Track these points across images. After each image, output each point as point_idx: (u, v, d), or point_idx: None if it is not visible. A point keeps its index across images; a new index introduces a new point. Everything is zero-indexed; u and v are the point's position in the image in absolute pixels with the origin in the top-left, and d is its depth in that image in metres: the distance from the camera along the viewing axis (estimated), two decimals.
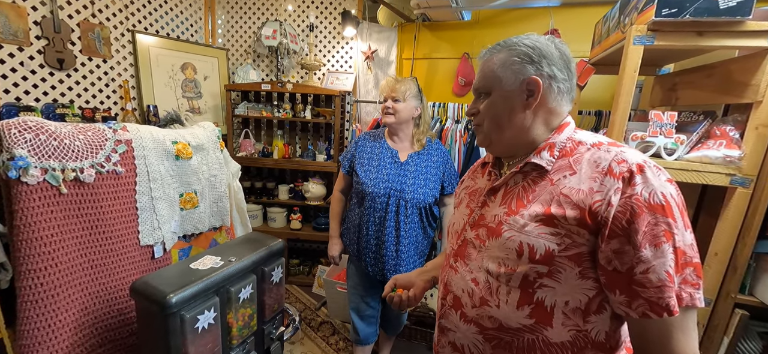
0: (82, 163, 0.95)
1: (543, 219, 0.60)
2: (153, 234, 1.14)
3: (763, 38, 0.99)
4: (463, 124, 2.10)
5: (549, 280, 0.60)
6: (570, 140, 0.66)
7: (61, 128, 0.94)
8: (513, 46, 0.66)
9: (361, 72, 2.64)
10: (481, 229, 0.69)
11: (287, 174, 2.83)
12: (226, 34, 2.78)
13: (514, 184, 0.68)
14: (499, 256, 0.65)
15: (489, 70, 0.68)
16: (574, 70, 0.68)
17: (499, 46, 0.68)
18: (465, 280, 0.71)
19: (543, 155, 0.65)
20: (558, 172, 0.63)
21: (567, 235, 0.58)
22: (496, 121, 0.68)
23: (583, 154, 0.62)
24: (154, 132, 1.13)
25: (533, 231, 0.60)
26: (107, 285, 1.08)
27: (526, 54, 0.65)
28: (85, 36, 1.99)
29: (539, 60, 0.64)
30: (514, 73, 0.65)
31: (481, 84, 0.70)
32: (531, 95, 0.65)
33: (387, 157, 1.49)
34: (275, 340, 1.21)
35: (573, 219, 0.57)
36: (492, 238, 0.66)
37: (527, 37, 0.67)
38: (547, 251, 0.59)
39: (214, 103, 2.68)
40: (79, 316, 1.02)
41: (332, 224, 1.61)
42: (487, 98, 0.69)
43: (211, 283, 0.93)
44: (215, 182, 1.31)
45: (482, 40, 2.37)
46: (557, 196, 0.60)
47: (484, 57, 0.71)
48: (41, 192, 0.89)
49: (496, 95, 0.67)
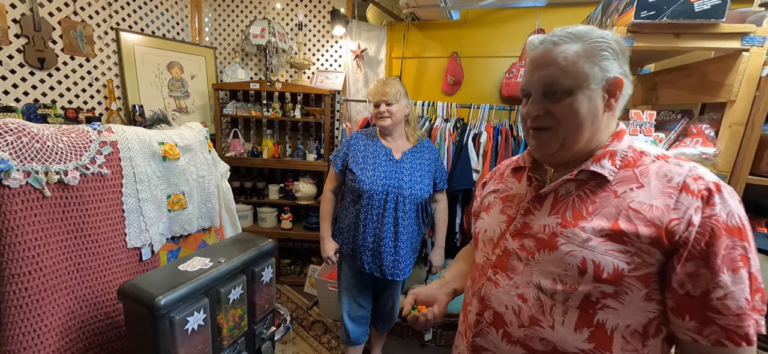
0: (66, 166, 0.94)
1: (610, 234, 0.55)
2: (140, 236, 1.13)
3: (735, 40, 1.03)
4: (451, 123, 2.12)
5: (613, 301, 0.55)
6: (631, 149, 0.60)
7: (43, 130, 0.92)
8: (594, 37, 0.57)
9: (351, 71, 2.64)
10: (528, 240, 0.63)
11: (277, 174, 2.82)
12: (214, 33, 2.74)
13: (565, 193, 0.62)
14: (555, 271, 0.59)
15: (572, 64, 0.57)
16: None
17: (579, 33, 0.58)
18: (509, 295, 0.64)
19: (604, 164, 0.59)
20: (622, 184, 0.58)
21: (637, 254, 0.53)
22: (577, 126, 0.59)
23: (649, 166, 0.57)
24: (140, 133, 1.11)
25: (599, 247, 0.55)
26: (94, 288, 1.07)
27: (611, 48, 0.57)
28: (67, 34, 1.94)
29: (620, 55, 0.57)
30: (603, 70, 0.56)
31: (559, 79, 0.58)
32: (612, 95, 0.58)
33: (382, 155, 1.51)
34: (266, 341, 1.21)
35: (646, 237, 0.53)
36: (544, 251, 0.60)
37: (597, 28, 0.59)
38: (616, 270, 0.54)
39: (201, 102, 2.65)
40: (66, 321, 1.00)
41: (323, 225, 1.60)
42: (567, 97, 0.58)
43: (200, 284, 0.92)
44: (204, 183, 1.30)
45: (471, 39, 2.40)
46: (625, 210, 0.55)
47: (546, 46, 0.59)
48: (24, 195, 0.88)
49: (582, 95, 0.57)
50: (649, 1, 0.99)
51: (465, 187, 1.98)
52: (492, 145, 1.99)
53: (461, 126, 2.11)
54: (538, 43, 0.61)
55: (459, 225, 2.07)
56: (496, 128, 2.04)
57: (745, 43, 1.03)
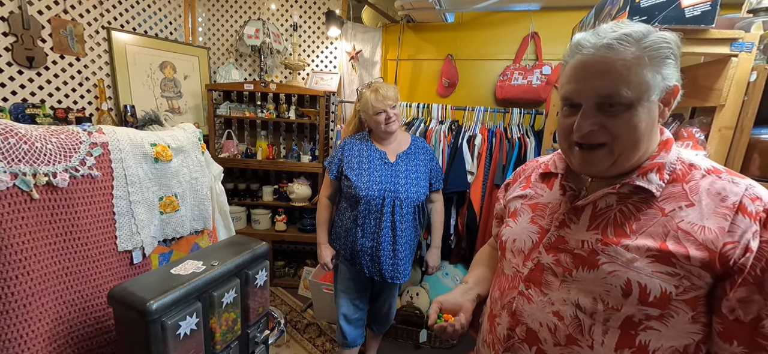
0: (55, 168, 0.92)
1: (657, 256, 0.51)
2: (131, 239, 1.11)
3: (725, 46, 1.05)
4: (446, 125, 2.13)
5: (657, 323, 0.53)
6: (680, 162, 0.56)
7: (31, 131, 0.90)
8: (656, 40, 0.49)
9: (346, 72, 2.64)
10: (564, 255, 0.59)
11: (271, 175, 2.80)
12: (207, 33, 2.72)
13: (605, 207, 0.58)
14: (596, 291, 0.55)
15: (633, 73, 0.50)
16: None
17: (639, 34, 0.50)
18: (544, 312, 0.61)
19: (651, 178, 0.54)
20: (670, 201, 0.53)
21: (686, 277, 0.50)
22: (635, 142, 0.53)
23: (699, 182, 0.53)
24: (132, 134, 1.09)
25: (645, 269, 0.52)
26: (83, 293, 1.04)
27: (674, 53, 0.50)
28: (57, 33, 1.91)
29: (676, 61, 0.51)
30: (664, 78, 0.51)
31: (619, 91, 0.50)
32: (666, 105, 0.53)
33: (377, 159, 1.49)
34: (260, 344, 1.20)
35: (697, 260, 0.49)
36: (584, 269, 0.57)
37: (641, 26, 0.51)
38: (664, 294, 0.51)
39: (195, 103, 2.62)
40: (54, 326, 0.98)
41: (320, 231, 1.60)
42: (625, 111, 0.51)
43: (192, 288, 0.91)
44: (196, 185, 1.28)
45: (466, 42, 2.41)
46: (674, 230, 0.51)
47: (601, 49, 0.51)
48: (11, 198, 0.86)
49: (642, 108, 0.51)
50: (641, 7, 1.01)
51: (460, 189, 1.99)
52: (486, 147, 2.00)
53: (456, 128, 2.12)
54: (591, 46, 0.52)
55: (454, 227, 2.08)
56: (490, 130, 2.05)
57: (734, 48, 1.04)
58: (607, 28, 0.52)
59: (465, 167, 2.00)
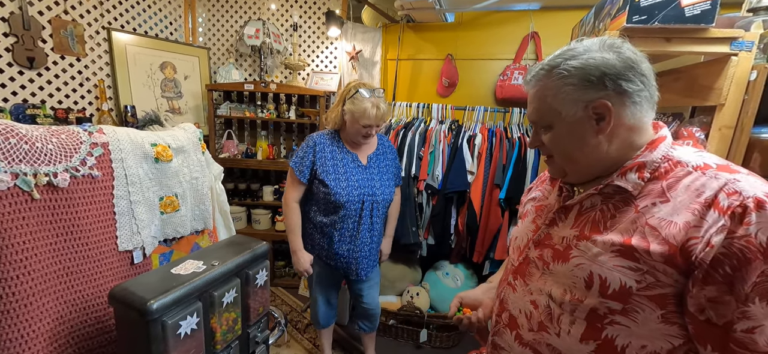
0: (55, 168, 0.92)
1: (620, 250, 0.53)
2: (132, 239, 1.11)
3: (724, 45, 1.05)
4: (446, 125, 2.13)
5: (622, 318, 0.53)
6: (667, 159, 0.56)
7: (32, 131, 0.91)
8: (561, 70, 0.56)
9: (346, 72, 2.64)
10: (546, 250, 0.64)
11: (272, 175, 2.80)
12: (208, 33, 2.72)
13: (590, 206, 0.60)
14: (565, 283, 0.59)
15: (542, 102, 0.60)
16: (648, 71, 0.56)
17: (544, 71, 0.59)
18: (523, 300, 0.66)
19: (629, 177, 0.56)
20: (646, 198, 0.54)
21: (649, 273, 0.51)
22: (566, 154, 0.61)
23: (681, 179, 0.53)
24: (132, 134, 1.10)
25: (607, 262, 0.54)
26: (84, 293, 1.05)
27: (581, 77, 0.55)
28: (57, 33, 1.91)
29: (601, 78, 0.54)
30: (574, 102, 0.56)
31: (537, 117, 0.62)
32: (601, 119, 0.55)
33: (349, 162, 1.47)
34: (260, 344, 1.20)
35: (659, 255, 0.49)
36: (558, 262, 0.61)
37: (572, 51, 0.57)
38: (623, 287, 0.52)
39: (195, 103, 2.62)
40: (55, 326, 0.98)
41: (294, 238, 1.49)
42: (548, 131, 0.61)
43: (193, 287, 0.91)
44: (197, 185, 1.28)
45: (466, 42, 2.41)
46: (642, 226, 0.52)
47: (531, 83, 0.62)
48: (12, 198, 0.86)
49: (560, 128, 0.59)
50: (641, 6, 1.01)
51: (460, 189, 1.99)
52: (486, 146, 2.00)
53: (456, 128, 2.12)
54: (526, 80, 0.64)
55: (454, 227, 2.08)
56: (490, 130, 2.05)
57: (734, 47, 1.04)
58: (546, 59, 0.60)
59: (465, 167, 2.00)
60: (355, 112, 1.38)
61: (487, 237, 2.04)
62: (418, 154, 2.07)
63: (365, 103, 1.36)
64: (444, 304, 2.15)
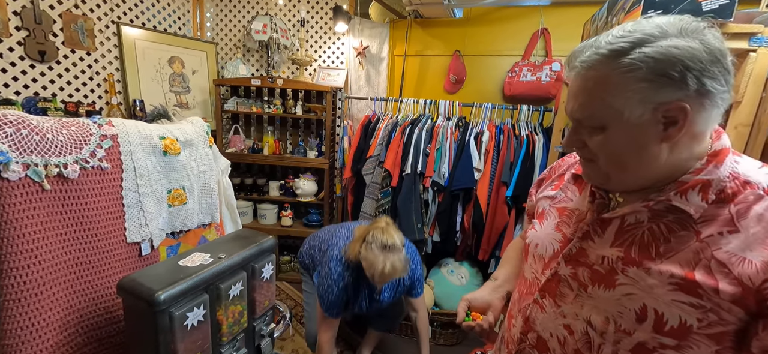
0: (65, 159, 0.93)
1: (681, 284, 0.46)
2: (140, 231, 1.12)
3: (743, 40, 1.02)
4: (453, 122, 2.11)
5: (674, 353, 0.48)
6: (733, 178, 0.48)
7: (43, 122, 0.91)
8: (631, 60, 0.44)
9: (353, 68, 2.63)
10: (582, 269, 0.56)
11: (278, 170, 2.82)
12: (215, 28, 2.73)
13: (635, 222, 0.52)
14: (610, 311, 0.52)
15: (595, 97, 0.48)
16: (731, 67, 0.46)
17: (600, 55, 0.47)
18: (555, 323, 0.59)
19: (691, 198, 0.48)
20: (710, 225, 0.47)
21: (713, 311, 0.45)
22: (617, 161, 0.51)
23: (752, 205, 0.45)
24: (141, 127, 1.10)
25: (664, 296, 0.47)
26: (93, 283, 1.06)
27: (659, 71, 0.43)
28: (68, 28, 1.93)
29: (683, 75, 0.43)
30: (642, 102, 0.45)
31: (583, 114, 0.51)
32: (672, 125, 0.46)
33: (367, 293, 1.47)
34: (266, 337, 1.20)
35: (728, 295, 0.44)
36: (599, 287, 0.53)
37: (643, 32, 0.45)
38: (682, 325, 0.46)
39: (202, 98, 2.64)
40: (64, 315, 0.99)
41: None
42: (599, 133, 0.50)
43: (200, 280, 0.92)
44: (204, 178, 1.29)
45: (474, 38, 2.38)
46: (707, 259, 0.45)
47: (577, 70, 0.50)
48: (23, 188, 0.87)
49: (616, 131, 0.49)
50: (656, 1, 0.98)
51: (466, 186, 1.98)
52: (494, 144, 1.98)
53: (463, 125, 2.11)
54: (569, 65, 0.52)
55: (460, 224, 2.07)
56: (498, 127, 2.03)
57: (753, 43, 1.02)
58: (602, 38, 0.49)
59: (472, 164, 1.98)
60: (366, 262, 1.31)
61: (493, 235, 2.02)
62: (424, 151, 2.06)
63: (377, 258, 1.27)
64: (449, 302, 2.15)
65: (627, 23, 0.48)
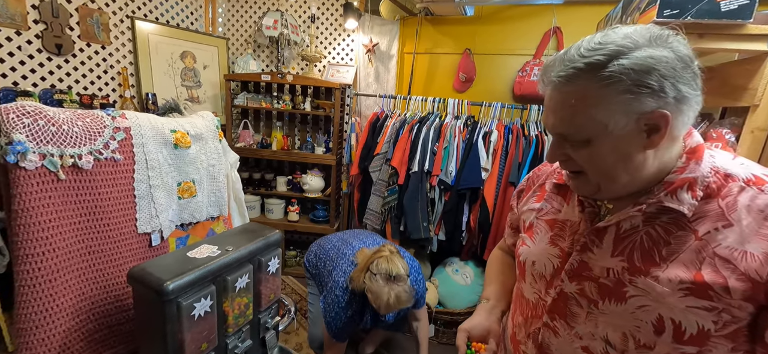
0: (80, 150, 0.95)
1: (692, 288, 0.46)
2: (150, 222, 1.14)
3: (762, 42, 0.99)
4: (462, 120, 2.10)
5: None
6: (715, 172, 0.49)
7: (59, 114, 0.94)
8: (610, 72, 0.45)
9: (362, 65, 2.63)
10: (588, 284, 0.55)
11: (285, 166, 2.84)
12: (227, 23, 2.76)
13: (630, 228, 0.52)
14: (625, 326, 0.51)
15: (576, 111, 0.48)
16: (698, 71, 0.47)
17: (578, 69, 0.47)
18: (571, 347, 0.57)
19: (682, 197, 0.48)
20: (704, 221, 0.47)
21: (726, 311, 0.45)
22: (607, 172, 0.51)
23: (737, 197, 0.47)
24: (153, 120, 1.12)
25: (678, 304, 0.47)
26: (104, 271, 1.09)
27: (639, 82, 0.44)
28: (84, 21, 1.97)
29: (661, 84, 0.44)
30: (626, 114, 0.46)
31: (566, 129, 0.51)
32: (654, 132, 0.47)
33: (370, 320, 1.48)
34: (270, 330, 1.22)
35: (739, 292, 0.44)
36: (609, 302, 0.52)
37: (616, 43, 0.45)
38: (701, 331, 0.46)
39: (213, 92, 2.67)
40: (77, 302, 1.02)
41: None
42: (584, 146, 0.50)
43: (207, 271, 0.93)
44: (213, 172, 1.31)
45: (485, 36, 2.36)
46: (710, 257, 0.46)
47: (554, 84, 0.50)
48: (39, 177, 0.90)
49: (602, 144, 0.49)
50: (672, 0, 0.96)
51: (473, 186, 1.96)
52: (502, 143, 1.97)
53: (472, 124, 2.09)
54: (544, 79, 0.51)
55: (466, 223, 2.06)
56: (507, 127, 2.01)
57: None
58: (573, 51, 0.48)
59: (479, 164, 1.97)
60: (371, 295, 1.28)
61: (499, 235, 2.01)
62: (432, 149, 2.05)
63: (381, 290, 1.24)
64: (453, 301, 2.14)
65: (595, 35, 0.49)
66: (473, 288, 2.15)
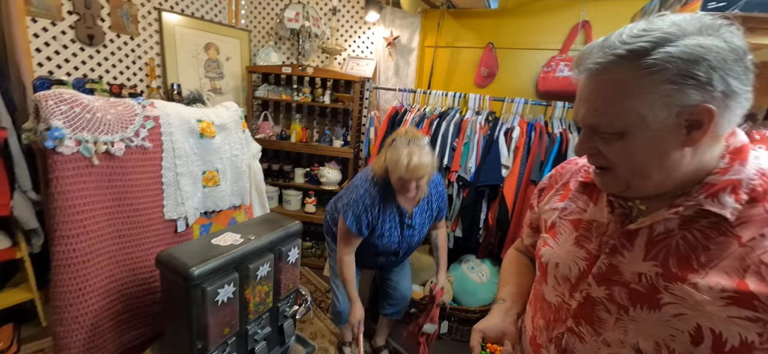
0: (112, 137, 0.98)
1: (735, 297, 0.43)
2: (176, 209, 1.17)
3: None
4: (483, 116, 2.06)
5: None
6: (761, 175, 0.46)
7: (93, 102, 0.97)
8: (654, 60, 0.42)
9: (382, 58, 2.61)
10: (617, 289, 0.52)
11: (304, 158, 2.86)
12: (250, 16, 2.79)
13: (664, 232, 0.49)
14: (659, 335, 0.49)
15: (612, 101, 0.46)
16: (751, 65, 0.43)
17: (617, 56, 0.44)
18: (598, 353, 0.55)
19: (725, 200, 0.45)
20: (748, 227, 0.44)
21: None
22: (639, 169, 0.48)
23: None
24: (180, 109, 1.15)
25: (718, 313, 0.44)
26: (132, 255, 1.13)
27: (683, 73, 0.41)
28: (114, 13, 2.03)
29: (709, 76, 0.41)
30: (667, 106, 0.43)
31: (599, 120, 0.48)
32: (696, 128, 0.44)
33: (397, 219, 1.44)
34: (288, 318, 1.24)
35: None
36: (641, 308, 0.50)
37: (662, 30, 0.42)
38: (744, 343, 0.43)
39: (235, 84, 2.71)
40: (107, 283, 1.07)
41: (350, 289, 1.46)
42: (616, 139, 0.47)
43: (231, 258, 0.95)
44: (236, 162, 1.33)
45: (508, 30, 2.30)
46: (756, 265, 0.43)
47: (590, 72, 0.47)
48: (75, 162, 0.93)
49: (637, 138, 0.46)
50: None
51: (492, 183, 1.93)
52: (525, 140, 1.92)
53: (493, 120, 2.05)
54: (579, 66, 0.49)
55: (483, 221, 2.03)
56: (530, 124, 1.96)
57: None
58: (614, 37, 0.45)
59: (500, 161, 1.93)
60: (390, 162, 1.27)
61: (518, 234, 1.96)
62: (451, 145, 2.02)
63: (401, 152, 1.23)
64: (467, 298, 2.12)
65: (639, 22, 0.45)
66: (489, 286, 2.12)
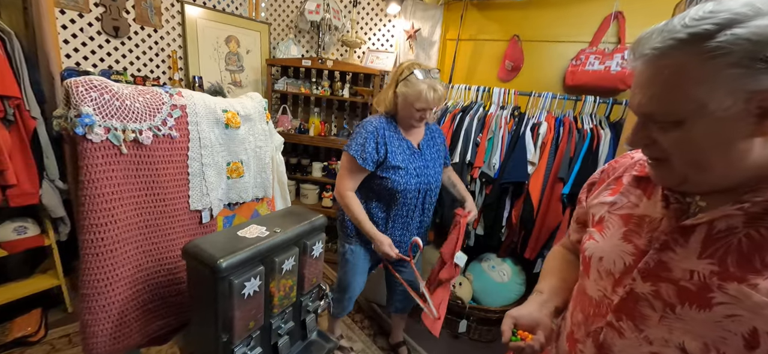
0: (141, 125, 0.98)
1: None
2: (202, 200, 1.17)
3: None
4: (508, 111, 1.99)
5: None
6: None
7: (122, 89, 0.97)
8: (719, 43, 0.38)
9: (402, 51, 2.57)
10: (665, 286, 0.50)
11: (321, 152, 2.85)
12: (270, 8, 2.78)
13: (726, 230, 0.46)
14: (708, 336, 0.46)
15: (674, 87, 0.42)
16: None
17: (678, 40, 0.41)
18: (640, 351, 0.53)
19: None
20: None
21: None
22: (697, 161, 0.45)
23: None
24: (207, 99, 1.14)
25: None
26: (159, 245, 1.12)
27: (757, 54, 0.37)
28: (139, 4, 2.05)
29: None
30: (733, 92, 0.40)
31: (656, 108, 0.45)
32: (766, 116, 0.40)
33: (406, 149, 1.41)
34: (311, 313, 1.22)
35: None
36: (690, 307, 0.47)
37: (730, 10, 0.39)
38: None
39: (254, 77, 2.72)
40: (134, 272, 1.07)
41: (367, 225, 1.41)
42: (674, 128, 0.44)
43: (257, 251, 0.93)
44: (260, 153, 1.32)
45: (535, 22, 2.22)
46: None
47: (646, 58, 0.44)
48: (104, 150, 0.93)
49: (697, 127, 0.43)
50: None
51: (517, 180, 1.87)
52: (552, 136, 1.85)
53: (519, 115, 1.98)
54: (636, 52, 0.46)
55: (506, 219, 1.97)
56: (558, 119, 1.89)
57: None
58: (676, 21, 0.42)
59: (526, 157, 1.86)
60: (409, 95, 1.29)
61: (543, 234, 1.90)
62: (475, 140, 1.97)
63: (420, 85, 1.27)
64: (487, 298, 2.07)
65: (707, 3, 0.41)
66: (510, 286, 2.06)
